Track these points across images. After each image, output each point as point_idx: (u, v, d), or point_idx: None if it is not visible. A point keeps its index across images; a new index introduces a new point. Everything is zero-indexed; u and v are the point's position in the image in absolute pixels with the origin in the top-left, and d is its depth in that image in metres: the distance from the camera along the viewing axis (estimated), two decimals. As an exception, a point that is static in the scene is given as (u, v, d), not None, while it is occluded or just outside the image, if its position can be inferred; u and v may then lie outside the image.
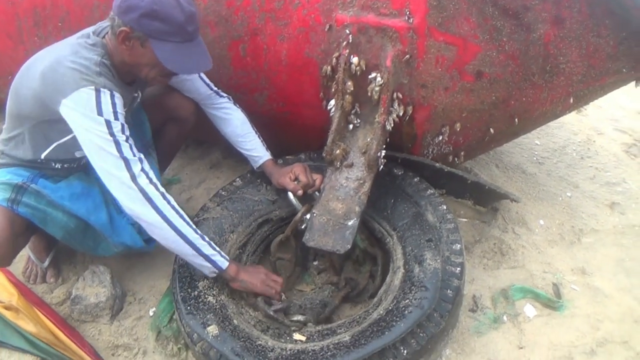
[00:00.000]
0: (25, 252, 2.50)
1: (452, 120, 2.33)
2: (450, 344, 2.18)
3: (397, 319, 1.90)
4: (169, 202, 1.92)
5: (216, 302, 2.08)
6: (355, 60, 2.17)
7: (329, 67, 2.24)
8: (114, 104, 1.91)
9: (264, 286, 2.16)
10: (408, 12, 2.08)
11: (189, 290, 2.11)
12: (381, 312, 1.97)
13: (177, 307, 2.09)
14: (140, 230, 2.31)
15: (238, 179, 2.50)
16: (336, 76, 2.20)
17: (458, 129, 2.35)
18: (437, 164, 2.36)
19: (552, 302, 2.36)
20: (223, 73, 2.50)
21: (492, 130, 2.44)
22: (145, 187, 1.88)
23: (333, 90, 2.23)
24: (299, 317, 2.19)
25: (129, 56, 1.97)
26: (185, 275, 2.16)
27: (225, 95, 2.45)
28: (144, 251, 2.47)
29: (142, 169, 1.90)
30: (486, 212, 2.82)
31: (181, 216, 1.94)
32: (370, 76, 2.17)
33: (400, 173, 2.35)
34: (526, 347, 2.19)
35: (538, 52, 2.24)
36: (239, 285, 2.13)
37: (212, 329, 1.96)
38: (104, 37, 2.04)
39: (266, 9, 2.30)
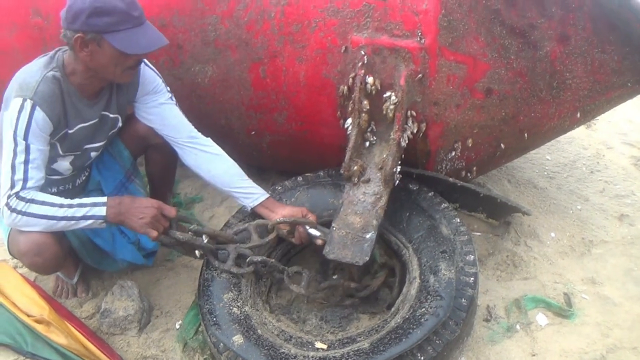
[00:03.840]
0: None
1: (464, 136, 2.39)
2: (466, 352, 2.23)
3: (414, 327, 1.96)
4: (31, 201, 1.98)
5: (240, 313, 2.15)
6: (370, 80, 2.23)
7: (346, 87, 2.30)
8: (29, 122, 1.99)
9: (145, 227, 2.08)
10: (420, 33, 2.15)
11: (214, 302, 2.18)
12: (399, 320, 2.03)
13: (203, 318, 2.16)
14: (139, 247, 2.43)
15: (260, 197, 2.56)
16: (352, 95, 2.27)
17: (470, 145, 2.42)
18: (450, 179, 2.42)
19: (563, 311, 2.41)
20: (244, 94, 2.56)
21: (502, 145, 2.50)
22: (14, 204, 1.97)
23: (350, 109, 2.30)
24: (297, 269, 2.28)
25: (92, 61, 2.03)
26: (210, 288, 2.24)
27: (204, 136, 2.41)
28: (144, 265, 2.59)
29: (17, 193, 1.97)
30: (499, 226, 2.86)
31: (43, 203, 1.99)
32: (385, 95, 2.23)
33: (415, 188, 2.40)
34: (538, 355, 2.24)
35: (545, 69, 2.31)
36: (126, 226, 2.14)
37: (237, 339, 2.03)
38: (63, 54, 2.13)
39: (285, 32, 2.37)
